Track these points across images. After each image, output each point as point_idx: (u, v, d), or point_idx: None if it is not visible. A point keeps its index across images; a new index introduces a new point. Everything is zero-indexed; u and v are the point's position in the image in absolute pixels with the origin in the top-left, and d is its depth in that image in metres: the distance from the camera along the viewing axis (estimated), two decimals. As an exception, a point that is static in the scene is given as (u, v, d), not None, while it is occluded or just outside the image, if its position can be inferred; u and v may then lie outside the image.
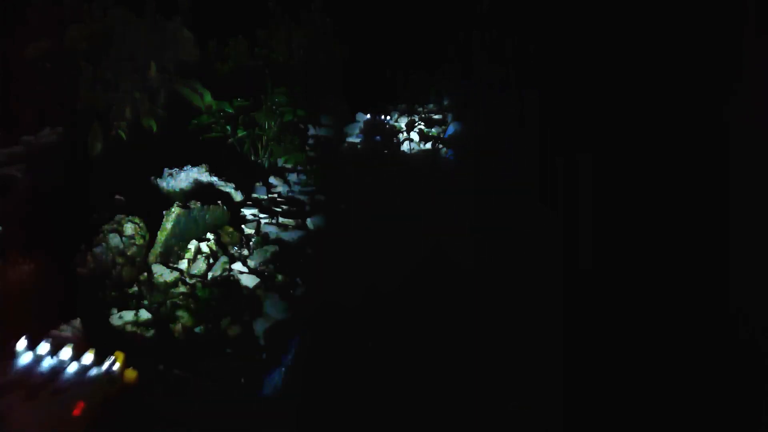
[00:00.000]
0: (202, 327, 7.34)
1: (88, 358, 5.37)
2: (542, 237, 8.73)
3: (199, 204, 8.90)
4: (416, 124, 13.90)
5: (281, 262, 8.84)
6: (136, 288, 7.79)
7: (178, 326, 7.26)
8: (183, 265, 8.36)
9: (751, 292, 6.68)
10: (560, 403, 6.42)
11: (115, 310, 7.28)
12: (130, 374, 5.50)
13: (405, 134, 13.69)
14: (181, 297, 7.73)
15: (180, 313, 7.44)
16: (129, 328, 7.10)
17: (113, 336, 6.83)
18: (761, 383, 6.14)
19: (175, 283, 8.02)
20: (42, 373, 5.11)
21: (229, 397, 6.11)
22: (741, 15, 7.58)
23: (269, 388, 6.43)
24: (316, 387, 6.46)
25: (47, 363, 5.20)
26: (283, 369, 6.68)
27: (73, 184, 8.32)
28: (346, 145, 13.40)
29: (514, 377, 6.70)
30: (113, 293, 7.59)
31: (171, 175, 10.09)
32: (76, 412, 5.00)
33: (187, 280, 8.13)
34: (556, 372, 6.73)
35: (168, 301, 7.64)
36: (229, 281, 8.24)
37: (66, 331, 6.12)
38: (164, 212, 8.53)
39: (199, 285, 8.00)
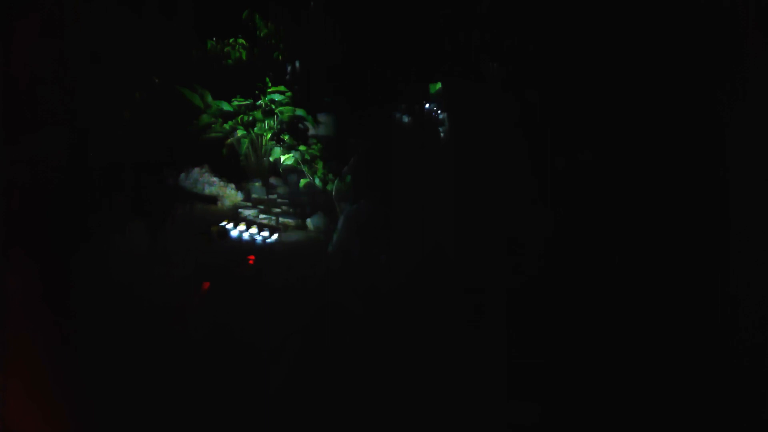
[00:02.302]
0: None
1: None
2: (542, 237, 8.73)
3: (200, 204, 8.93)
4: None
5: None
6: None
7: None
8: (183, 265, 8.37)
9: (751, 291, 6.68)
10: (561, 403, 6.44)
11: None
12: None
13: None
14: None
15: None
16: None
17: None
18: (761, 383, 6.15)
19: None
20: None
21: (229, 397, 6.12)
22: (742, 15, 7.59)
23: (269, 388, 6.44)
24: (316, 387, 6.47)
25: None
26: (284, 369, 6.69)
27: (74, 183, 8.32)
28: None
29: (514, 377, 6.71)
30: (114, 293, 7.59)
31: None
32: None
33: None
34: (557, 371, 6.75)
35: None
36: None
37: None
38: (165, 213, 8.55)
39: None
